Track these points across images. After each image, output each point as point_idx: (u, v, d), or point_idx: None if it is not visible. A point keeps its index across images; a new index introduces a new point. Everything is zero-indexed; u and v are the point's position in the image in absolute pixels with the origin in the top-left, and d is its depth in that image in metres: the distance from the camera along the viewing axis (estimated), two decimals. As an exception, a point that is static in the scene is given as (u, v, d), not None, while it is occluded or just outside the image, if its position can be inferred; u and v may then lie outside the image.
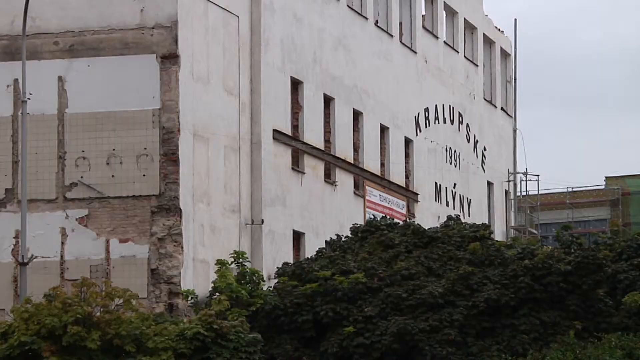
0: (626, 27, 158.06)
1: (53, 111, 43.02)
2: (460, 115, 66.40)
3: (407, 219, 48.17)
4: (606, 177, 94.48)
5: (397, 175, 58.82)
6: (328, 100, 53.26)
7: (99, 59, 43.32)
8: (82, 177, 43.36)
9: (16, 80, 41.03)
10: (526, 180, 75.34)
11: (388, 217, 45.04)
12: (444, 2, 64.90)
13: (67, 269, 41.36)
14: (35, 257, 39.52)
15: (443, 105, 64.28)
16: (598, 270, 29.40)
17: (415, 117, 60.91)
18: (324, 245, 35.85)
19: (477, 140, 68.61)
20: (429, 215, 54.84)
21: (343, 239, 34.68)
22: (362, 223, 38.52)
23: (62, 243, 42.70)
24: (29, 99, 39.79)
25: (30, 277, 38.54)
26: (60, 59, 43.04)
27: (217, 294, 33.98)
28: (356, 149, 55.44)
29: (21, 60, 39.58)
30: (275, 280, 34.17)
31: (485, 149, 69.77)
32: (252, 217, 47.63)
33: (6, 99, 42.77)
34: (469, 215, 59.84)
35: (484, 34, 70.60)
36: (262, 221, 47.67)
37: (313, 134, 51.99)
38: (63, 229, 42.92)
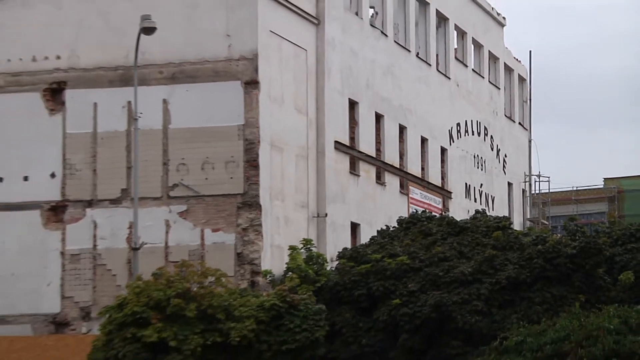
0: (621, 58, 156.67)
1: (159, 127, 43.03)
2: (485, 128, 66.04)
3: (443, 213, 47.82)
4: (605, 179, 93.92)
5: (434, 177, 58.60)
6: (378, 117, 53.09)
7: (195, 85, 43.30)
8: (182, 179, 43.39)
9: (129, 102, 41.06)
10: (539, 181, 75.04)
11: (427, 211, 44.82)
12: (472, 37, 64.63)
13: (170, 253, 41.41)
14: (145, 244, 39.59)
15: (471, 120, 63.95)
16: (598, 253, 29.17)
17: (449, 130, 60.64)
18: (375, 234, 35.73)
19: (499, 149, 68.22)
20: (460, 210, 54.43)
21: (391, 229, 34.53)
22: (406, 216, 38.36)
23: (166, 232, 42.74)
24: (139, 117, 39.88)
25: (141, 259, 38.58)
26: (164, 85, 43.08)
27: (290, 273, 33.90)
28: (401, 156, 55.24)
29: (133, 86, 39.69)
30: (336, 262, 34.06)
31: (505, 156, 69.35)
32: (318, 211, 47.51)
33: (122, 117, 42.84)
34: (492, 210, 59.44)
35: (504, 63, 70.19)
36: (326, 215, 47.55)
37: (366, 144, 51.82)
38: (167, 221, 42.95)
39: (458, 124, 61.93)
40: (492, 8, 68.62)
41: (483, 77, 66.56)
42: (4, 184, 44.21)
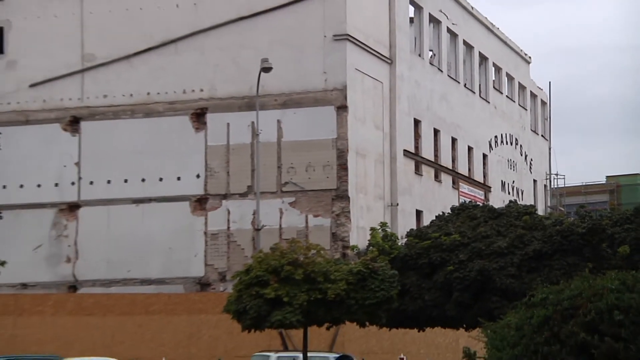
0: (620, 87, 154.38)
1: (274, 140, 43.06)
2: (516, 139, 65.40)
3: (484, 202, 47.42)
4: (607, 176, 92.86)
5: (478, 176, 58.15)
6: (436, 132, 52.76)
7: (300, 109, 43.29)
8: (291, 179, 43.39)
9: (253, 122, 41.19)
10: (556, 179, 74.30)
11: (473, 201, 44.46)
12: (506, 72, 64.14)
13: (283, 232, 41.48)
14: (265, 226, 39.69)
15: (505, 134, 63.36)
16: (602, 232, 28.75)
17: (488, 141, 60.11)
18: (434, 218, 35.53)
19: (526, 155, 67.51)
20: (498, 200, 53.94)
21: (446, 214, 34.25)
22: (457, 205, 38.12)
23: (280, 217, 42.79)
24: (260, 133, 39.99)
25: (262, 237, 38.65)
26: (278, 109, 43.08)
27: (371, 247, 33.77)
28: (453, 160, 54.84)
29: (255, 110, 39.81)
30: (405, 239, 33.84)
31: (531, 160, 68.61)
32: (391, 201, 47.31)
33: (247, 133, 42.96)
34: (522, 200, 58.72)
35: (530, 91, 69.44)
36: (397, 204, 47.33)
37: (427, 152, 51.53)
38: (280, 209, 42.99)
39: (495, 136, 61.47)
40: (521, 50, 68.07)
41: (514, 101, 66.03)
42: (162, 183, 44.53)
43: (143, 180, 44.91)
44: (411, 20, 51.01)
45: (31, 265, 42.97)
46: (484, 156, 59.66)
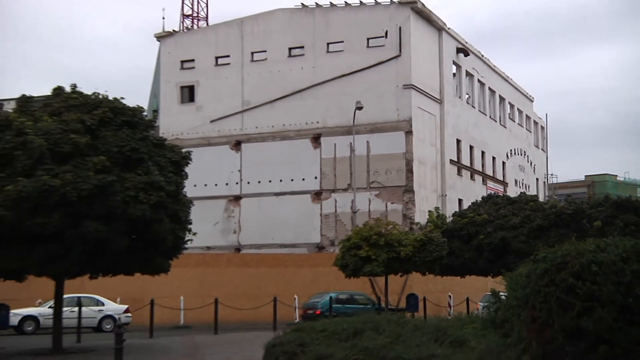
0: (601, 116, 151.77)
1: (364, 153, 43.14)
2: (524, 152, 64.35)
3: (503, 194, 46.72)
4: (585, 175, 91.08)
5: (499, 176, 57.44)
6: (471, 148, 52.28)
7: (382, 134, 43.25)
8: (376, 179, 43.47)
9: (351, 143, 41.17)
10: (551, 178, 73.44)
11: (496, 193, 43.93)
12: (517, 107, 63.16)
13: (371, 214, 41.43)
14: (359, 210, 39.78)
15: (518, 148, 62.47)
16: (583, 213, 28.26)
17: (506, 153, 59.30)
18: (470, 204, 35.29)
19: (531, 162, 66.32)
20: (513, 193, 52.99)
21: (478, 202, 34.00)
22: (485, 195, 37.77)
23: (369, 204, 42.80)
24: (355, 149, 40.12)
25: (357, 217, 38.77)
26: (367, 134, 43.04)
27: (429, 223, 33.82)
28: (482, 166, 54.26)
29: (352, 135, 39.93)
30: (451, 218, 33.69)
31: (535, 165, 67.43)
32: (442, 193, 47.01)
33: (347, 150, 42.90)
34: (528, 192, 57.39)
35: (533, 120, 68.32)
36: (446, 195, 47.03)
37: (465, 161, 51.12)
38: (369, 199, 42.99)
39: (510, 150, 60.64)
40: (527, 92, 67.06)
41: (522, 127, 65.03)
42: (293, 182, 44.91)
43: (280, 180, 45.42)
44: (454, 74, 50.65)
45: (212, 235, 43.98)
46: (503, 163, 58.85)
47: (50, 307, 27.06)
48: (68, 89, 20.79)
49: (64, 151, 18.17)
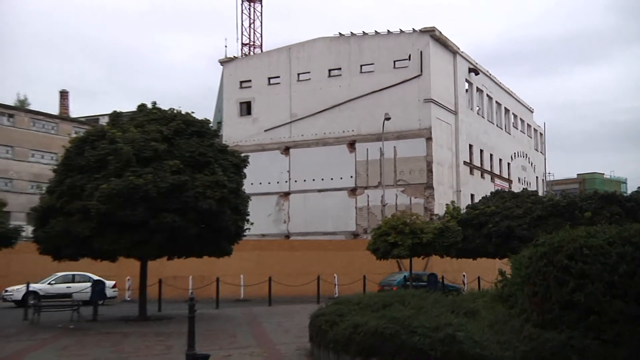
0: (587, 124, 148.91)
1: (392, 157, 42.93)
2: (526, 154, 63.35)
3: (508, 189, 46.12)
4: (577, 174, 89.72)
5: (505, 175, 56.63)
6: (481, 151, 51.68)
7: (407, 140, 42.94)
8: (402, 178, 43.23)
9: (380, 147, 41.03)
10: (549, 176, 72.33)
11: (502, 189, 43.39)
12: (520, 117, 62.24)
13: (398, 207, 41.18)
14: (387, 203, 39.60)
15: (521, 151, 61.55)
16: (575, 205, 27.67)
17: (511, 155, 58.47)
18: (481, 198, 34.86)
19: (532, 163, 65.23)
20: (516, 188, 52.22)
21: (487, 196, 33.55)
22: (493, 191, 37.27)
23: (396, 198, 42.60)
24: (384, 153, 39.90)
25: (386, 210, 38.64)
26: (394, 140, 42.89)
27: (446, 214, 33.48)
28: (491, 166, 53.62)
29: (381, 141, 39.75)
30: (465, 210, 33.36)
31: (534, 166, 66.34)
32: (457, 189, 46.56)
33: (377, 153, 42.76)
34: (529, 188, 56.75)
35: (533, 128, 67.23)
36: (460, 191, 46.54)
37: (476, 162, 50.54)
38: (396, 194, 42.77)
39: (514, 152, 59.80)
40: (528, 104, 66.09)
41: (524, 133, 64.00)
42: (332, 180, 44.86)
43: (322, 179, 45.45)
44: (466, 90, 50.07)
45: (266, 224, 44.25)
46: (508, 164, 57.96)
47: (49, 283, 27.27)
48: (149, 105, 21.35)
49: (146, 156, 18.74)
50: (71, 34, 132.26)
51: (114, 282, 29.09)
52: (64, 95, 71.64)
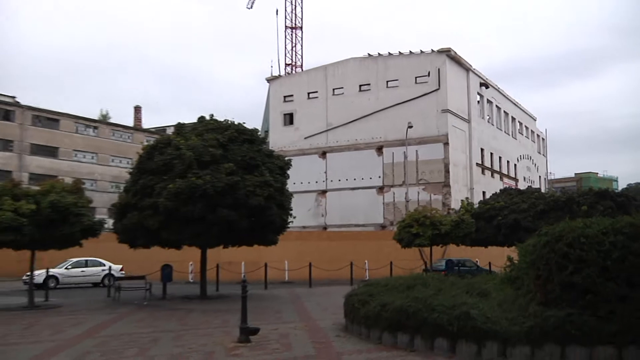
0: (584, 130, 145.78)
1: (414, 159, 42.56)
2: (530, 156, 62.17)
3: (515, 187, 45.38)
4: (575, 173, 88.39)
5: (512, 174, 55.68)
6: (492, 154, 50.91)
7: (427, 145, 42.60)
8: (423, 177, 42.87)
9: (404, 151, 40.76)
10: (550, 175, 71.18)
11: (510, 187, 42.70)
12: (525, 125, 61.17)
13: (420, 203, 40.59)
14: (410, 199, 39.21)
15: (525, 154, 60.46)
16: (573, 200, 27.10)
17: (517, 157, 57.50)
18: (491, 195, 34.37)
19: (535, 164, 64.00)
20: (522, 186, 51.61)
21: (497, 193, 33.06)
22: (502, 188, 36.69)
23: (418, 195, 42.26)
24: (407, 156, 39.55)
25: (410, 205, 38.34)
26: (416, 145, 42.58)
27: (461, 208, 33.10)
28: (500, 167, 52.79)
29: (405, 146, 39.47)
30: (478, 205, 32.90)
31: (537, 166, 65.03)
32: (471, 187, 45.99)
33: (402, 157, 42.47)
34: (533, 185, 56.04)
35: (537, 134, 65.93)
36: (473, 188, 45.94)
37: (487, 163, 49.81)
38: (418, 192, 42.45)
39: (520, 155, 58.76)
40: (531, 113, 65.03)
41: (528, 138, 62.80)
42: (363, 180, 44.84)
43: (354, 179, 45.40)
44: (478, 102, 49.41)
45: (306, 217, 44.39)
46: (515, 165, 56.99)
47: (66, 268, 26.63)
48: (208, 117, 21.75)
49: (204, 160, 19.13)
50: (144, 58, 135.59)
51: (121, 266, 28.17)
52: (137, 110, 73.94)
